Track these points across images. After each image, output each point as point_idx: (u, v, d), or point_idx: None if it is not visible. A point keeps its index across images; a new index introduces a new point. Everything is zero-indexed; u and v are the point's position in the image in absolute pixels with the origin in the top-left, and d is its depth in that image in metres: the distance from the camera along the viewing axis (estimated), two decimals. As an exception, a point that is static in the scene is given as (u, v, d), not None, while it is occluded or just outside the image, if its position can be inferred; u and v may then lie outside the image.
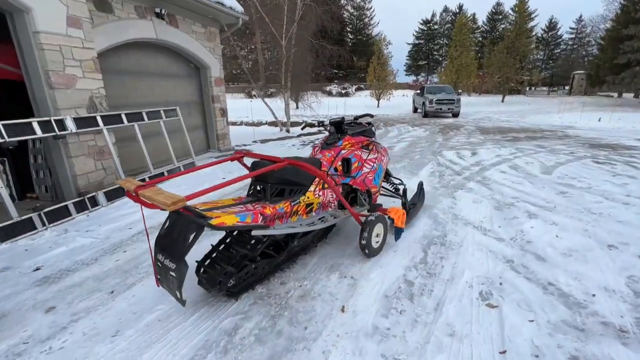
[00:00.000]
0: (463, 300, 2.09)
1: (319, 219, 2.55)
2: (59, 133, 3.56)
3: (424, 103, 16.18)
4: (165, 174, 4.94)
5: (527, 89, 36.78)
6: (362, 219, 2.61)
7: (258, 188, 2.47)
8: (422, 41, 53.63)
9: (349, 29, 47.11)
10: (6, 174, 4.03)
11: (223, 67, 7.77)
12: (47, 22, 3.51)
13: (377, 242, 2.70)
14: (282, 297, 2.16)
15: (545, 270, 2.39)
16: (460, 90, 22.04)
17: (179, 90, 6.68)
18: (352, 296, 2.16)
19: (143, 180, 4.07)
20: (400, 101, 26.77)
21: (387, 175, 3.39)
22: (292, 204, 2.33)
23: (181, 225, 1.82)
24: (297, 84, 14.24)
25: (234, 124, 15.13)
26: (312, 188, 2.51)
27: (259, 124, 14.47)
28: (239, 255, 2.20)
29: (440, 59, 51.01)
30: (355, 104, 24.75)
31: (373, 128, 3.29)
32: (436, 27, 52.59)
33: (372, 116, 3.27)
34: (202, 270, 2.17)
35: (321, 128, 3.14)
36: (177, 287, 1.73)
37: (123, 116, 4.45)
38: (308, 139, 9.76)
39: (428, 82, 39.22)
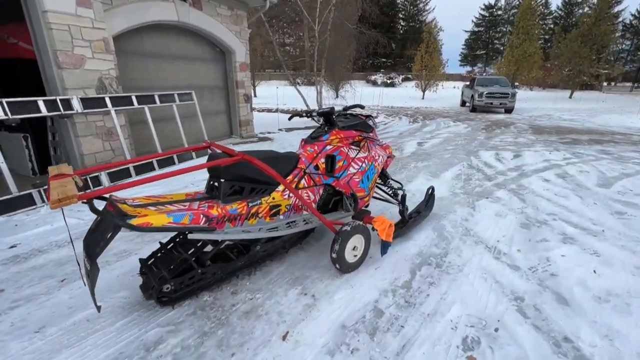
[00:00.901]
0: (438, 346, 1.64)
1: (287, 223, 2.23)
2: (63, 112, 3.63)
3: (472, 96, 14.74)
4: (175, 159, 4.92)
5: (604, 84, 32.03)
6: (338, 227, 2.23)
7: (214, 185, 2.20)
8: (481, 28, 49.12)
9: (401, 16, 44.74)
10: (28, 149, 4.27)
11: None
12: (56, 1, 3.54)
13: (354, 256, 2.31)
14: (226, 311, 1.89)
15: (565, 319, 1.83)
16: (517, 84, 19.73)
17: (202, 74, 6.66)
18: (303, 320, 1.82)
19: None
20: (449, 93, 24.86)
21: (385, 177, 2.93)
22: (250, 204, 2.02)
23: (103, 223, 1.62)
24: (337, 72, 13.81)
25: (269, 110, 15.24)
26: (280, 188, 2.18)
27: (295, 112, 14.31)
28: (180, 258, 1.97)
29: (502, 48, 46.37)
30: (397, 94, 23.57)
31: (371, 121, 2.84)
32: (500, 12, 47.72)
33: (362, 107, 2.81)
34: (142, 270, 1.98)
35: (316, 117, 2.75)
36: (90, 290, 1.54)
37: (133, 98, 4.47)
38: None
39: (483, 74, 35.85)
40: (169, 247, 2.12)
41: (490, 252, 2.54)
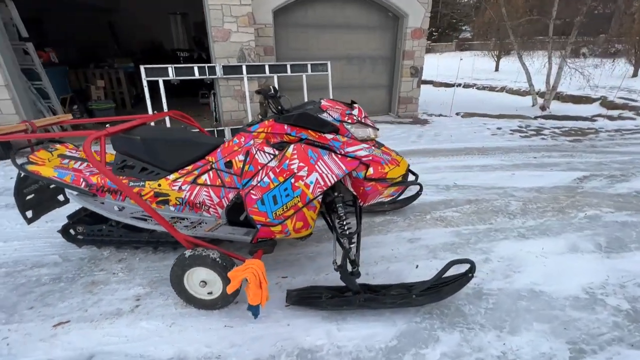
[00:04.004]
0: None
1: (173, 217, 1.96)
2: (208, 77, 4.71)
3: None
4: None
5: None
6: (188, 252, 1.70)
7: None
8: None
9: None
10: (215, 103, 5.96)
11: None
12: (214, -15, 4.42)
13: (208, 293, 1.72)
14: (97, 270, 2.04)
15: None
16: None
17: (363, 43, 6.31)
18: (85, 313, 1.66)
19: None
20: None
21: (332, 207, 1.79)
22: (131, 183, 1.93)
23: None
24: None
25: (467, 86, 12.47)
26: (170, 177, 1.92)
27: (512, 90, 10.83)
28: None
29: None
30: None
31: (333, 114, 1.74)
32: None
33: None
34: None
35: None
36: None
37: (266, 67, 5.02)
38: (568, 126, 6.33)
39: None
40: None
41: None
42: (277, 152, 1.73)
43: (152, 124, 2.88)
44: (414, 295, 1.69)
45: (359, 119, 1.80)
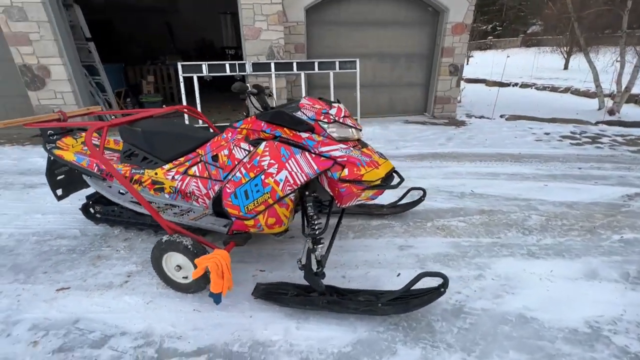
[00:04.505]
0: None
1: (167, 204, 2.13)
2: (238, 73, 4.94)
3: None
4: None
5: None
6: (165, 237, 1.82)
7: None
8: None
9: None
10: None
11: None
12: (247, -15, 4.59)
13: (183, 277, 1.84)
14: (105, 246, 2.30)
15: None
16: None
17: (398, 40, 6.08)
18: (84, 282, 1.87)
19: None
20: None
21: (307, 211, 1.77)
22: (133, 171, 2.13)
23: None
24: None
25: (525, 86, 11.31)
26: (166, 166, 2.08)
27: (578, 92, 9.60)
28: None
29: None
30: None
31: (324, 117, 1.72)
32: None
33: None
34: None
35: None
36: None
37: (294, 64, 5.10)
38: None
39: None
40: None
41: None
42: (252, 148, 1.78)
43: (181, 117, 3.12)
44: (380, 304, 1.63)
45: (337, 118, 1.77)
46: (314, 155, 1.71)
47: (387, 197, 2.78)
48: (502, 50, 23.54)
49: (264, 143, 1.73)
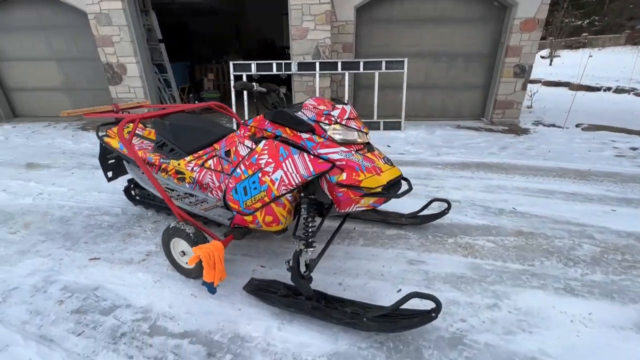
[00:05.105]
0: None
1: (186, 193, 2.30)
2: (284, 72, 5.08)
3: None
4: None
5: None
6: (173, 223, 1.96)
7: None
8: None
9: None
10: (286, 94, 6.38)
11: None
12: (297, -14, 4.67)
13: (186, 263, 1.96)
14: (136, 226, 2.57)
15: None
16: None
17: (456, 38, 5.62)
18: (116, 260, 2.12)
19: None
20: None
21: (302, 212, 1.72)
22: (161, 160, 2.34)
23: None
24: None
25: (620, 91, 9.49)
26: (188, 158, 2.25)
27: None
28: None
29: None
30: None
31: (325, 118, 1.68)
32: None
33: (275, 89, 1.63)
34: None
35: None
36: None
37: (339, 64, 5.06)
38: None
39: None
40: None
41: None
42: (254, 146, 1.82)
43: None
44: (365, 318, 1.54)
45: (338, 120, 1.70)
46: (312, 157, 1.68)
47: (409, 205, 2.61)
48: (599, 49, 20.27)
49: (263, 141, 1.76)
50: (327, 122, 1.70)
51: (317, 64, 5.08)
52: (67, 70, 6.40)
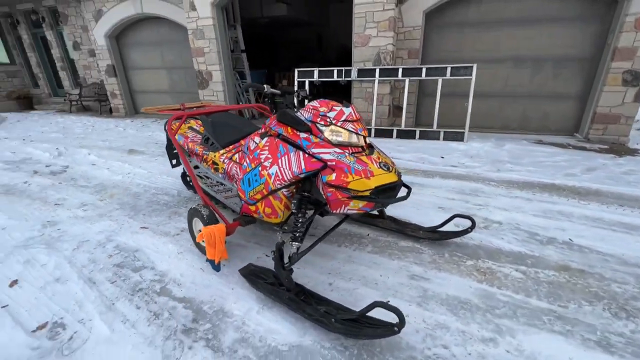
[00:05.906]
0: None
1: (218, 181, 2.61)
2: (344, 79, 5.20)
3: None
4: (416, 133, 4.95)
5: None
6: (194, 205, 2.26)
7: None
8: None
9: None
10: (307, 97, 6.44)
11: None
12: (362, -5, 4.74)
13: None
14: (174, 202, 3.02)
15: None
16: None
17: (545, 40, 4.88)
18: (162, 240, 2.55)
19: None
20: None
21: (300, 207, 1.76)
22: (204, 152, 2.72)
23: None
24: None
25: None
26: (222, 151, 2.57)
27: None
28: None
29: None
30: None
31: (321, 119, 1.73)
32: None
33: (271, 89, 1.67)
34: None
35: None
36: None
37: (399, 70, 4.92)
38: None
39: None
40: None
41: None
42: (255, 142, 1.98)
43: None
44: (334, 319, 1.54)
45: (334, 121, 1.74)
46: (306, 156, 1.75)
47: (436, 219, 2.44)
48: None
49: (266, 138, 1.91)
50: (322, 122, 1.76)
51: (377, 71, 5.05)
52: (173, 77, 7.79)
